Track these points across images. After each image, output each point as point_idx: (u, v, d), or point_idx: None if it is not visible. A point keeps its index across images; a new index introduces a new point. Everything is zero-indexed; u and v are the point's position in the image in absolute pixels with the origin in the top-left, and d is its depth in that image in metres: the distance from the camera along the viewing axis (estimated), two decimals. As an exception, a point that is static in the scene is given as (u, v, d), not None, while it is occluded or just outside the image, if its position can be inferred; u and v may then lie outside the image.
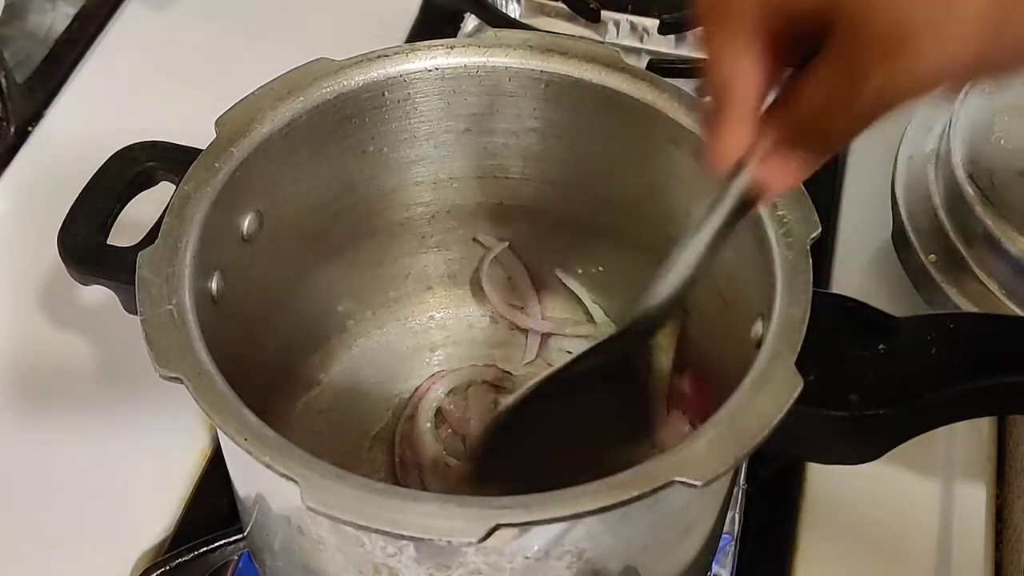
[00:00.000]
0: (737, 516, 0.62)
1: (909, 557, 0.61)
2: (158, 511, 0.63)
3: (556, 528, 0.44)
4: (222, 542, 0.59)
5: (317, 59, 0.56)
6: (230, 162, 0.52)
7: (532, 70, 0.57)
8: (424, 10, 0.89)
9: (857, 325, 0.49)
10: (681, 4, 0.86)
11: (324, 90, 0.55)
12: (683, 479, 0.41)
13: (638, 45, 0.88)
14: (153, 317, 0.46)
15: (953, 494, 0.63)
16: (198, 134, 0.54)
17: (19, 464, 0.65)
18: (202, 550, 0.59)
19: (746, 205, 0.44)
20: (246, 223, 0.54)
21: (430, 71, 0.57)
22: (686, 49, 0.88)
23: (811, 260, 0.48)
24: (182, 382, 0.44)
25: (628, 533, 0.47)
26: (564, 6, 0.88)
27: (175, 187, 0.51)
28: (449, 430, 0.63)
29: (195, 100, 0.63)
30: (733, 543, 0.61)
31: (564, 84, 0.57)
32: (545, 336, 0.67)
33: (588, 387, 0.53)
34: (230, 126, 0.53)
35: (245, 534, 0.57)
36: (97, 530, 0.62)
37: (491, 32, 0.58)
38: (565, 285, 0.67)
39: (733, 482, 0.57)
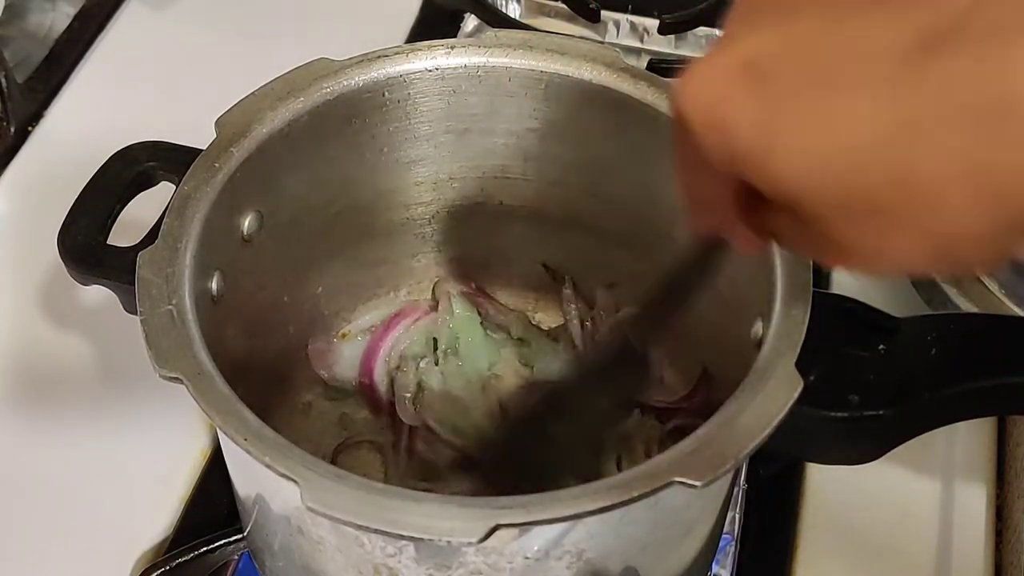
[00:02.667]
0: (737, 516, 0.62)
1: (909, 557, 0.61)
2: (158, 511, 0.63)
3: (556, 528, 0.44)
4: (222, 542, 0.59)
5: (317, 59, 0.56)
6: (230, 162, 0.52)
7: (532, 70, 0.57)
8: (424, 10, 0.89)
9: (857, 325, 0.49)
10: (681, 4, 0.86)
11: (324, 90, 0.55)
12: (683, 479, 0.41)
13: (638, 45, 0.88)
14: (153, 317, 0.46)
15: (953, 494, 0.63)
16: (198, 134, 0.54)
17: (19, 464, 0.65)
18: (202, 550, 0.59)
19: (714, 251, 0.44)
20: (246, 223, 0.54)
21: (430, 71, 0.57)
22: (686, 49, 0.87)
23: (811, 260, 0.48)
24: (182, 382, 0.44)
25: (628, 533, 0.47)
26: (564, 6, 0.88)
27: (175, 187, 0.51)
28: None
29: (195, 100, 0.63)
30: (733, 543, 0.61)
31: (564, 84, 0.57)
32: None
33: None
34: (230, 126, 0.53)
35: (245, 534, 0.57)
36: (97, 530, 0.62)
37: (491, 32, 0.58)
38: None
39: (733, 482, 0.57)
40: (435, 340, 0.64)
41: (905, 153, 0.31)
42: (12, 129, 0.80)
